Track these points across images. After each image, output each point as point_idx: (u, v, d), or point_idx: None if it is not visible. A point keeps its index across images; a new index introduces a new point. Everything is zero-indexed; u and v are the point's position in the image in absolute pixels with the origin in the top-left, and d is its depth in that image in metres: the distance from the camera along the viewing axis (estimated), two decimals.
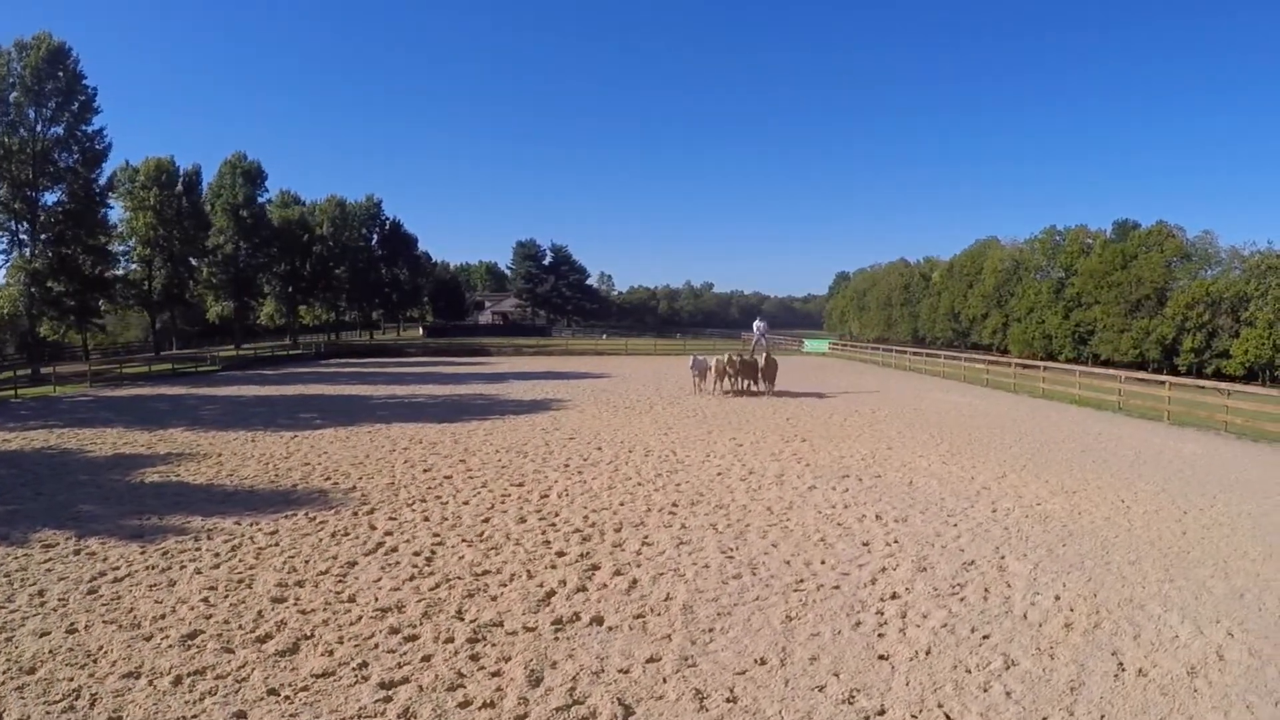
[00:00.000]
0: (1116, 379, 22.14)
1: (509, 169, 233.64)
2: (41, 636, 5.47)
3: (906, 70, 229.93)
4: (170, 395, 23.94)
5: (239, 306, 55.03)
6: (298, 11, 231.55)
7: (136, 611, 5.92)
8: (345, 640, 5.39)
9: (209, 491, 10.26)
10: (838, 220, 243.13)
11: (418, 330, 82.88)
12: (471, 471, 11.40)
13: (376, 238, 74.74)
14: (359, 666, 4.96)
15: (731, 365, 22.52)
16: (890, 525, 8.41)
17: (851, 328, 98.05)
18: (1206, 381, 22.14)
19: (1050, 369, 26.36)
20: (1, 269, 34.19)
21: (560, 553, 7.38)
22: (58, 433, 15.94)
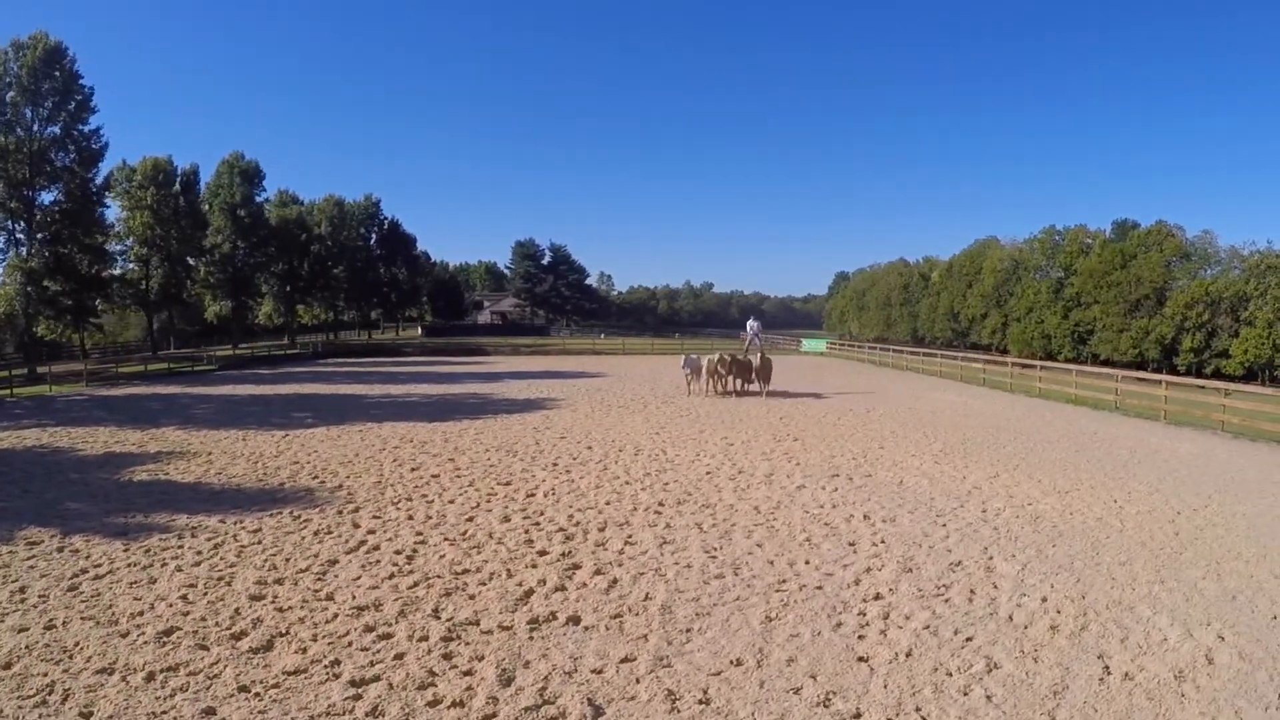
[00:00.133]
0: (1113, 378, 22.03)
1: (509, 169, 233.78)
2: (20, 632, 5.47)
3: (906, 70, 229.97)
4: (165, 394, 23.90)
5: (236, 306, 54.97)
6: (298, 11, 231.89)
7: (115, 608, 5.92)
8: (320, 638, 5.36)
9: (196, 490, 10.23)
10: (837, 220, 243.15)
11: (416, 330, 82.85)
12: (459, 470, 11.35)
13: (375, 237, 74.76)
14: (331, 664, 4.94)
15: (723, 365, 21.96)
16: (878, 525, 8.32)
17: (851, 328, 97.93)
18: (1203, 381, 22.06)
19: (1047, 368, 26.27)
20: None
21: (542, 552, 7.33)
22: (50, 431, 15.90)
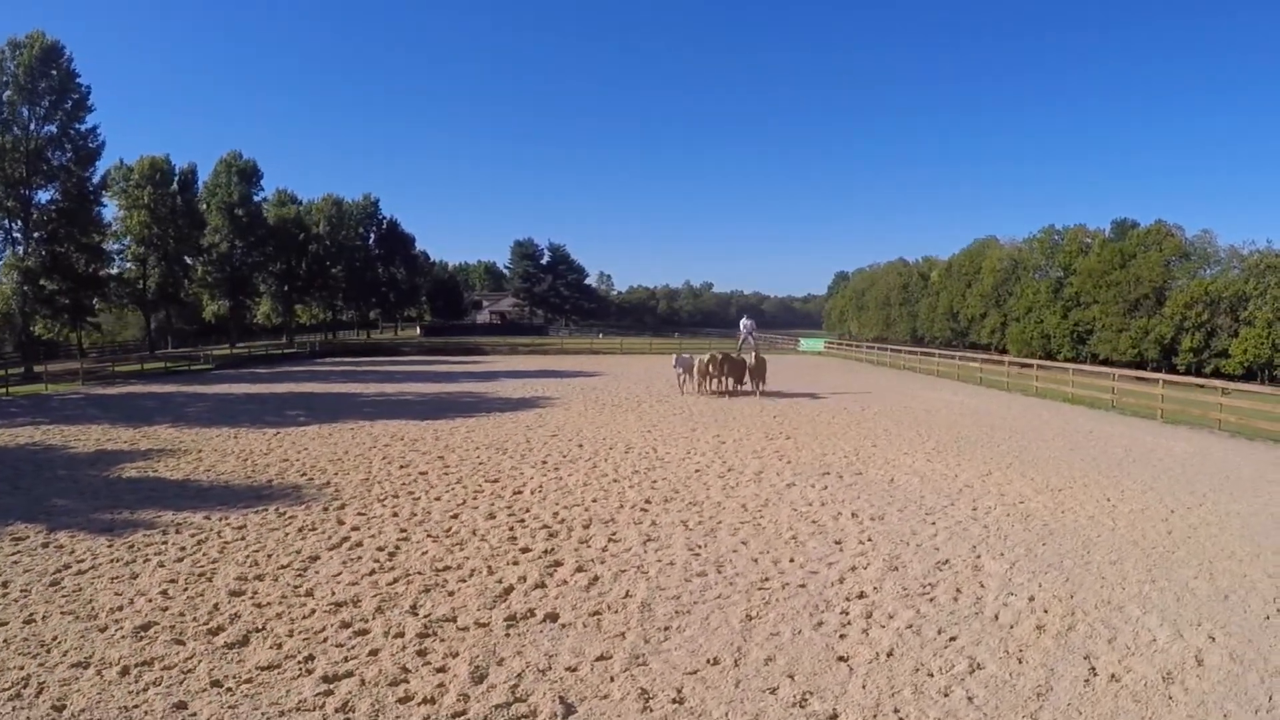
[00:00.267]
0: (1110, 377, 21.96)
1: (509, 169, 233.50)
2: None
3: (906, 70, 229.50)
4: (160, 393, 23.86)
5: (234, 305, 54.92)
6: (298, 11, 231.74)
7: (95, 603, 5.92)
8: (295, 633, 5.34)
9: (184, 487, 10.20)
10: (837, 220, 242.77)
11: (415, 330, 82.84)
12: (448, 468, 11.31)
13: (373, 237, 74.73)
14: (305, 659, 4.92)
15: (715, 363, 21.40)
16: (866, 523, 8.25)
17: (850, 327, 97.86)
18: (1199, 379, 21.97)
19: (1044, 367, 26.20)
20: None
21: (525, 549, 7.28)
22: (43, 429, 15.89)
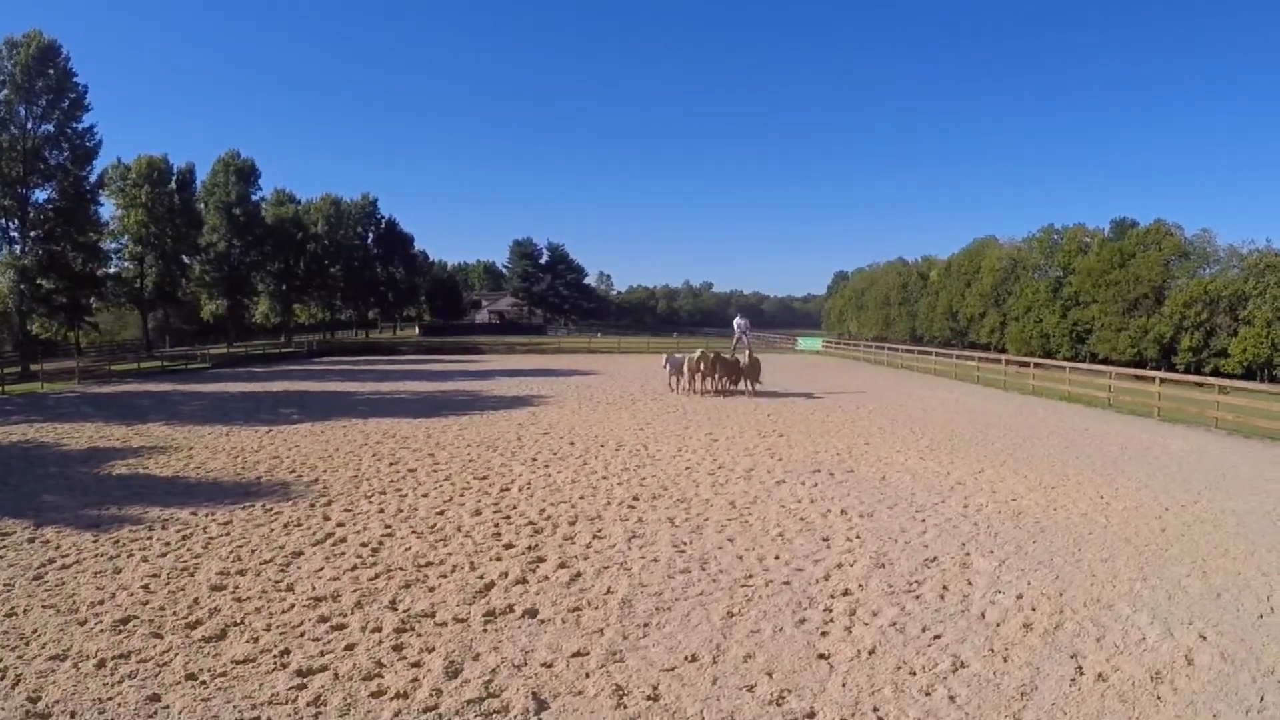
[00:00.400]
0: (1107, 375, 21.90)
1: (509, 169, 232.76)
2: None
3: (906, 70, 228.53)
4: (156, 392, 23.83)
5: (232, 305, 54.89)
6: (298, 11, 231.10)
7: (77, 597, 5.92)
8: (273, 628, 5.32)
9: (173, 483, 10.19)
10: (837, 220, 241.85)
11: (414, 329, 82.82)
12: (438, 465, 11.27)
13: (372, 236, 74.68)
14: (281, 654, 4.90)
15: (706, 362, 20.95)
16: (855, 520, 8.19)
17: (850, 327, 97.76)
18: (1195, 377, 21.90)
19: (1041, 365, 26.18)
20: None
21: (508, 545, 7.24)
22: (37, 427, 15.87)
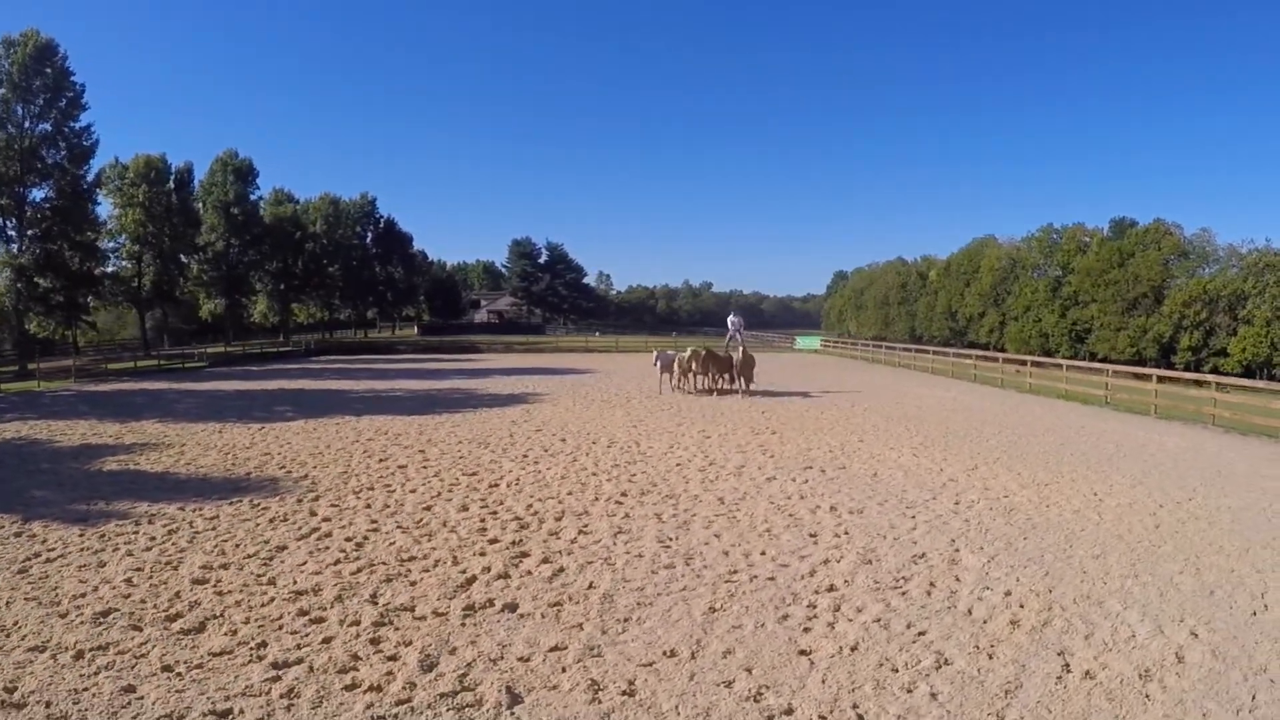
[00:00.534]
0: (1104, 373, 21.85)
1: (508, 169, 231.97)
2: None
3: (906, 70, 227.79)
4: (152, 390, 23.81)
5: (231, 304, 54.77)
6: (297, 11, 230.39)
7: (59, 590, 5.94)
8: (252, 621, 5.31)
9: (162, 479, 10.20)
10: (837, 220, 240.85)
11: (413, 329, 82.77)
12: (428, 461, 11.25)
13: (370, 236, 74.51)
14: (258, 646, 4.89)
15: (697, 360, 20.49)
16: (844, 517, 8.15)
17: (849, 327, 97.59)
18: (1193, 374, 21.84)
19: (1038, 363, 26.13)
20: None
21: (493, 540, 7.20)
22: (31, 424, 15.89)
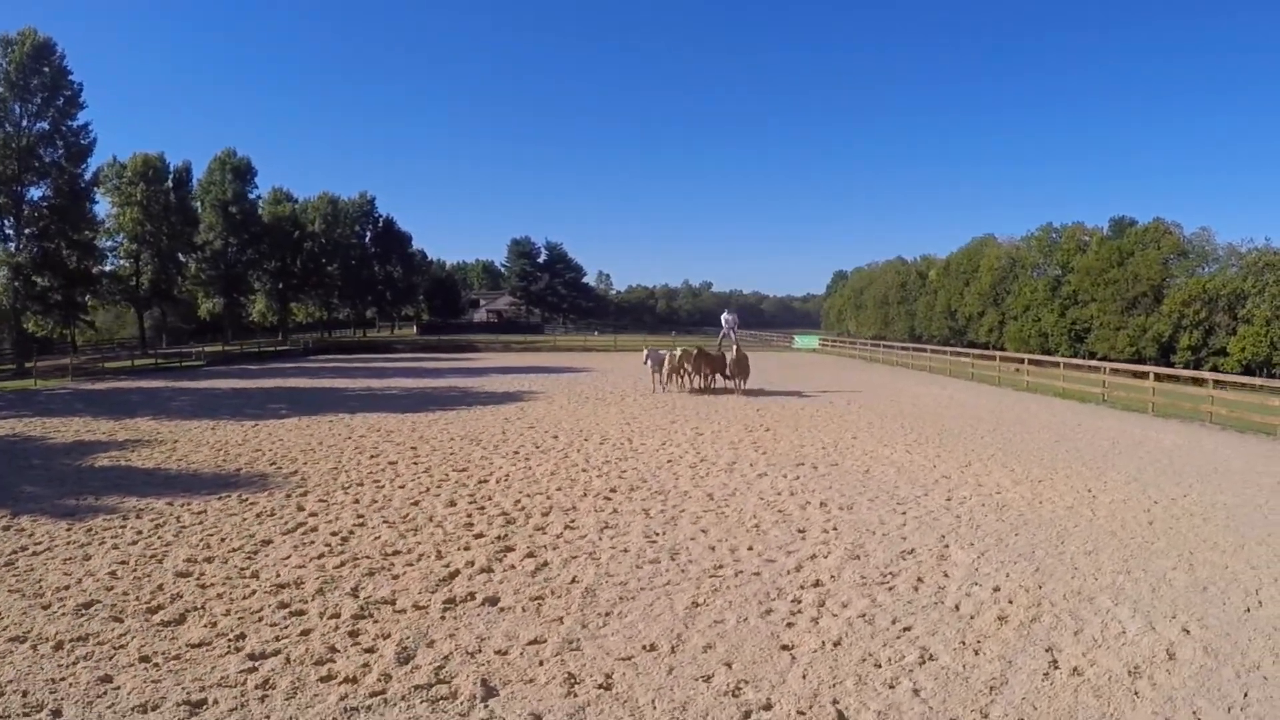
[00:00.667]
0: (1101, 371, 21.79)
1: (508, 169, 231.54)
2: None
3: (906, 70, 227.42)
4: (148, 388, 23.79)
5: (229, 303, 54.74)
6: (297, 11, 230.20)
7: (44, 582, 5.97)
8: (232, 613, 5.30)
9: (152, 475, 10.19)
10: (837, 220, 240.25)
11: (412, 328, 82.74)
12: (419, 457, 11.23)
13: (369, 235, 74.45)
14: (236, 638, 4.88)
15: (689, 359, 20.23)
16: (833, 513, 8.10)
17: (849, 326, 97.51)
18: (1190, 372, 21.78)
19: (1035, 361, 26.09)
20: None
21: (479, 535, 7.18)
22: (25, 421, 15.89)
